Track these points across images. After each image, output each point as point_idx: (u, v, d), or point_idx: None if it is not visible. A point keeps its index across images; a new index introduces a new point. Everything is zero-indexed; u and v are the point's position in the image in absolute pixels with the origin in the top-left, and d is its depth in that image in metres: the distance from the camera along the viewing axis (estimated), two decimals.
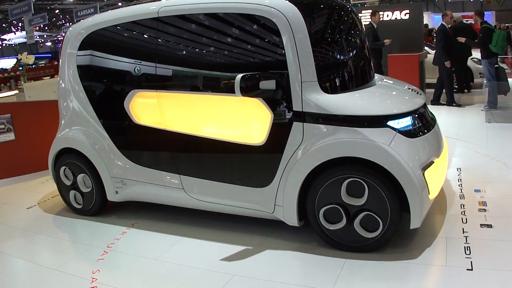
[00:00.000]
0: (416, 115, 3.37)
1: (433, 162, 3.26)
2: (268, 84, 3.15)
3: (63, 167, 4.30)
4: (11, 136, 5.70)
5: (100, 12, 13.77)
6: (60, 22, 35.11)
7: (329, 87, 3.25)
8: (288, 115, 3.23)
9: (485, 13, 8.95)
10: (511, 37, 14.45)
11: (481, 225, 3.48)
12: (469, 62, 9.73)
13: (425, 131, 3.38)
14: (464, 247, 3.16)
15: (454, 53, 8.17)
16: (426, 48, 9.91)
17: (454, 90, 8.80)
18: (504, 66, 8.81)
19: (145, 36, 3.76)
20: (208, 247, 3.51)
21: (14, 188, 5.49)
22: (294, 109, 3.20)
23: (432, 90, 8.73)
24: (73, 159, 4.21)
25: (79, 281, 3.19)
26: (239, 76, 3.05)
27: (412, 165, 3.02)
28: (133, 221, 4.11)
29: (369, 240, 3.18)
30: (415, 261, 3.06)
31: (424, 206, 3.07)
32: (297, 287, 2.88)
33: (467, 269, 2.90)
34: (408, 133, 3.17)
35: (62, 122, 4.30)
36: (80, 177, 4.21)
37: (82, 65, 4.09)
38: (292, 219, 3.35)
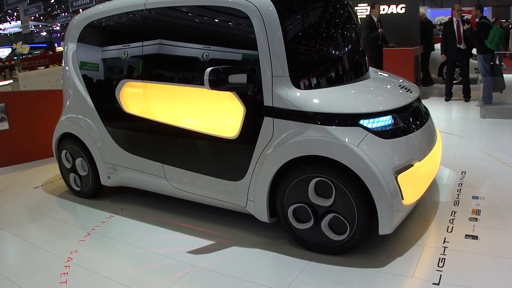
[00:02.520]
0: (399, 114, 3.18)
1: (412, 165, 3.08)
2: (238, 78, 3.10)
3: (64, 151, 4.52)
4: (5, 125, 5.71)
5: (95, 2, 13.76)
6: (56, 12, 34.10)
7: (302, 83, 3.14)
8: (259, 110, 3.17)
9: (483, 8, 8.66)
10: (510, 34, 13.74)
11: (466, 235, 3.25)
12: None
13: (408, 131, 3.19)
14: (439, 258, 2.97)
15: (452, 48, 8.11)
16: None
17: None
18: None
19: (133, 27, 3.84)
20: (180, 238, 3.57)
21: (7, 177, 5.53)
22: (265, 104, 3.14)
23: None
24: (72, 143, 4.40)
25: (56, 260, 3.36)
26: (208, 69, 3.02)
27: (382, 168, 2.87)
28: (123, 206, 4.26)
29: (336, 243, 3.07)
30: (381, 269, 2.92)
31: (395, 212, 2.91)
32: (251, 284, 2.86)
33: (433, 283, 2.71)
34: (382, 133, 3.00)
35: (64, 107, 4.51)
36: (78, 161, 4.40)
37: (80, 54, 4.24)
38: (262, 215, 3.31)
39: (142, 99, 3.79)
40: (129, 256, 3.36)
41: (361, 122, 2.98)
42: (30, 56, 15.07)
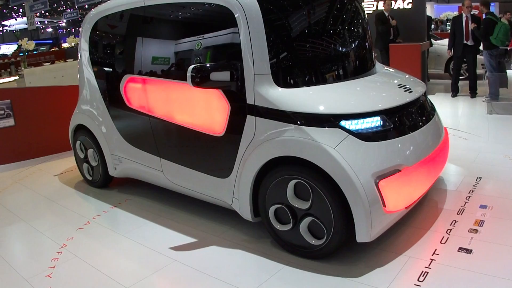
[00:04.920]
0: (389, 116, 3.00)
1: (398, 170, 2.90)
2: (221, 76, 3.07)
3: (78, 142, 4.74)
4: (10, 121, 5.70)
5: None
6: (61, 8, 33.77)
7: (284, 81, 3.05)
8: (243, 108, 3.13)
9: (491, 4, 8.31)
10: None
11: (460, 248, 3.01)
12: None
13: (399, 134, 3.00)
14: (422, 272, 2.78)
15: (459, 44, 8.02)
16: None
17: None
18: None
19: (133, 23, 3.92)
20: (170, 231, 3.63)
21: (10, 174, 5.55)
22: (247, 102, 3.08)
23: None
24: (84, 134, 4.60)
25: (51, 245, 3.56)
26: (191, 66, 3.02)
27: (360, 173, 2.72)
28: (128, 197, 4.40)
29: (315, 247, 2.98)
30: (356, 279, 2.78)
31: (374, 219, 2.75)
32: (222, 283, 2.85)
33: None
34: (365, 135, 2.85)
35: (79, 99, 4.71)
36: (90, 151, 4.60)
37: (91, 49, 4.41)
38: (246, 214, 3.28)
39: (141, 94, 3.87)
40: (118, 247, 3.47)
41: (342, 123, 2.84)
42: (35, 52, 15.02)
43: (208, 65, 3.07)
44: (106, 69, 4.30)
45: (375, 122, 2.93)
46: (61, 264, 3.25)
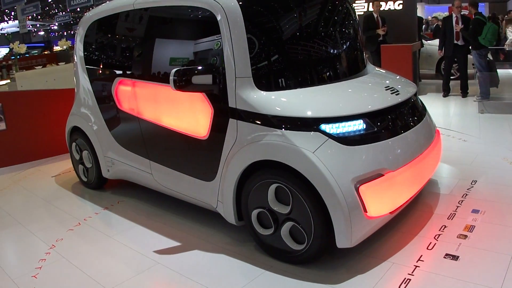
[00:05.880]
0: (373, 119, 2.94)
1: (381, 175, 2.84)
2: (203, 79, 3.06)
3: (73, 143, 4.79)
4: (2, 125, 5.67)
5: (93, 1, 13.27)
6: (53, 11, 33.12)
7: (265, 85, 3.01)
8: (225, 111, 3.11)
9: (479, 4, 8.48)
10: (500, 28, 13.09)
11: (446, 255, 2.94)
12: None
13: (383, 137, 2.94)
14: (404, 279, 2.71)
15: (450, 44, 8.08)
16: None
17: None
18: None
19: (122, 26, 3.94)
20: (158, 234, 3.63)
21: (8, 176, 5.54)
22: (229, 105, 3.06)
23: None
24: (79, 136, 4.65)
25: (41, 246, 3.60)
26: (173, 70, 3.01)
27: (339, 177, 2.67)
28: (121, 199, 4.43)
29: (296, 252, 2.94)
30: (336, 286, 2.72)
31: (354, 225, 2.70)
32: (197, 285, 2.84)
33: None
34: (345, 139, 2.80)
35: (75, 101, 4.76)
36: (85, 153, 4.64)
37: (86, 51, 4.45)
38: (230, 217, 3.26)
39: (131, 96, 3.89)
40: (105, 249, 3.49)
41: (322, 127, 2.80)
42: (27, 55, 14.74)
43: (190, 68, 3.06)
44: (99, 71, 4.33)
45: (357, 125, 2.87)
46: (48, 265, 3.29)
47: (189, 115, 3.42)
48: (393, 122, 3.09)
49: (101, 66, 4.28)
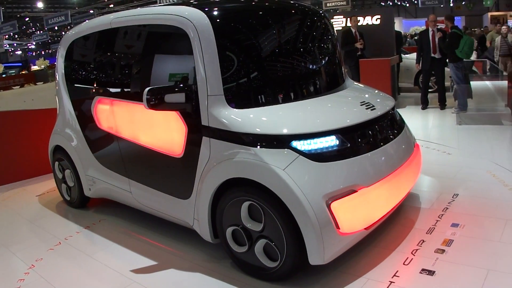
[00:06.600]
0: (346, 135, 2.93)
1: (354, 191, 2.83)
2: (176, 97, 3.06)
3: (56, 162, 4.78)
4: None
5: (71, 20, 13.32)
6: (31, 30, 32.94)
7: (237, 102, 3.02)
8: (198, 130, 3.11)
9: (455, 18, 8.75)
10: (486, 41, 13.53)
11: (423, 270, 2.91)
12: None
13: (356, 153, 2.93)
14: None
15: (427, 57, 8.15)
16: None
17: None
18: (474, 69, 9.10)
19: (103, 45, 3.98)
20: (136, 252, 3.61)
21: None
22: (202, 123, 3.07)
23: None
24: (62, 155, 4.64)
25: (20, 266, 3.58)
26: (147, 89, 3.02)
27: (310, 194, 2.66)
28: (102, 217, 4.41)
29: (270, 270, 2.92)
30: None
31: (327, 242, 2.68)
32: None
33: None
34: (316, 156, 2.79)
35: (57, 119, 4.76)
36: (67, 172, 4.63)
37: (66, 70, 4.48)
38: (206, 235, 3.25)
39: (109, 115, 3.90)
40: (83, 268, 3.46)
41: (293, 143, 2.80)
42: (4, 75, 14.44)
43: (163, 87, 3.07)
44: (79, 90, 4.35)
45: (328, 142, 2.87)
46: (26, 285, 3.26)
47: (165, 133, 3.43)
48: (367, 137, 3.09)
49: (81, 85, 4.30)
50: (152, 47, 3.48)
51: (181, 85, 3.12)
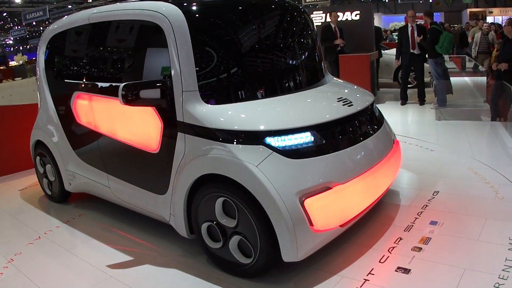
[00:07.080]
0: (321, 131, 2.90)
1: (329, 188, 2.80)
2: (151, 93, 3.02)
3: (38, 157, 4.74)
4: None
5: (49, 15, 13.31)
6: (8, 26, 32.77)
7: (211, 98, 2.98)
8: (174, 125, 3.08)
9: (434, 14, 8.85)
10: (467, 37, 13.56)
11: (398, 268, 2.90)
12: None
13: (332, 149, 2.91)
14: None
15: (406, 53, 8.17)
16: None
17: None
18: (452, 64, 9.27)
19: (81, 40, 3.93)
20: (114, 247, 3.59)
21: None
22: (177, 119, 3.03)
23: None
24: (43, 150, 4.60)
25: None
26: (122, 84, 2.98)
27: (283, 191, 2.64)
28: (82, 212, 4.38)
29: (244, 266, 2.90)
30: None
31: (300, 239, 2.65)
32: None
33: None
34: (290, 152, 2.76)
35: (38, 114, 4.72)
36: (48, 166, 4.59)
37: (46, 66, 4.43)
38: (182, 230, 3.23)
39: (88, 110, 3.86)
40: (61, 262, 3.44)
41: (267, 140, 2.77)
42: None
43: (138, 82, 3.03)
44: (60, 85, 4.29)
45: (303, 138, 2.84)
46: (5, 279, 3.26)
47: (141, 129, 3.39)
48: (344, 134, 3.06)
49: (61, 80, 4.25)
50: (129, 42, 3.45)
51: (157, 81, 3.08)
